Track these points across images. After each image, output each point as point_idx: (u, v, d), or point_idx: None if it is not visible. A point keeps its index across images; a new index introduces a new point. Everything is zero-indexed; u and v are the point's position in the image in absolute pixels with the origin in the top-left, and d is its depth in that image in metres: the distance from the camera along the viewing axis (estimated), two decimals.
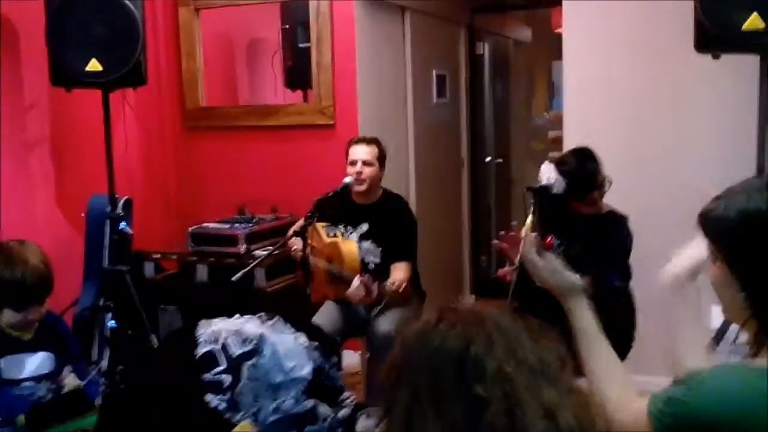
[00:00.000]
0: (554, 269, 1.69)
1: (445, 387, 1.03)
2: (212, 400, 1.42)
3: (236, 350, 1.47)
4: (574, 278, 1.68)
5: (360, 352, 3.99)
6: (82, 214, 3.95)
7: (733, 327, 1.76)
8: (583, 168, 3.14)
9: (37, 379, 2.46)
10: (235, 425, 1.46)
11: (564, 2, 3.99)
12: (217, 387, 1.43)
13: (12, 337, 2.45)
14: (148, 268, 4.25)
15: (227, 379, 1.44)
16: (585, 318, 1.62)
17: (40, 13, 3.49)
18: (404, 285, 3.36)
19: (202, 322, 1.55)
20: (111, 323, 3.54)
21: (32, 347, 2.48)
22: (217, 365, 1.45)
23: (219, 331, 1.49)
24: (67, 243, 4.06)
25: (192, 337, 1.52)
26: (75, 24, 3.40)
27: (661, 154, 3.85)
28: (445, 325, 1.07)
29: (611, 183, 3.17)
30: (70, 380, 2.39)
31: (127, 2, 3.42)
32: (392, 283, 3.33)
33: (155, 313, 4.05)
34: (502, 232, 2.75)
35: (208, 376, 1.43)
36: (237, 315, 1.63)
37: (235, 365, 1.45)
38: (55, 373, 2.50)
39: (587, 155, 3.17)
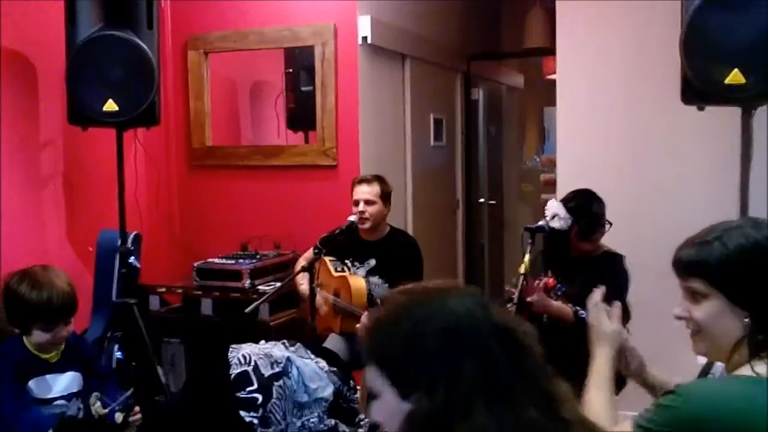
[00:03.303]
0: (601, 317, 1.87)
1: None
2: (246, 416, 1.55)
3: (266, 371, 1.60)
4: (613, 328, 1.86)
5: (359, 387, 4.08)
6: (90, 249, 4.06)
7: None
8: (591, 207, 3.29)
9: (68, 397, 2.59)
10: None
11: (558, 50, 4.18)
12: (250, 404, 1.55)
13: (41, 359, 2.57)
14: (153, 302, 4.35)
15: (259, 397, 1.56)
16: (607, 368, 1.80)
17: (57, 53, 3.63)
18: None
19: (233, 347, 1.68)
20: (118, 354, 3.66)
21: (60, 368, 2.60)
22: (250, 384, 1.58)
23: (250, 354, 1.62)
24: (75, 276, 4.14)
25: (223, 360, 1.65)
26: (94, 66, 3.53)
27: (650, 197, 4.02)
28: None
29: (611, 224, 3.32)
30: (97, 408, 2.50)
31: (143, 46, 3.57)
32: None
33: (159, 346, 4.16)
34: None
35: (242, 394, 1.56)
36: (263, 341, 1.76)
37: (266, 385, 1.58)
38: (84, 392, 2.61)
39: (594, 196, 3.33)
